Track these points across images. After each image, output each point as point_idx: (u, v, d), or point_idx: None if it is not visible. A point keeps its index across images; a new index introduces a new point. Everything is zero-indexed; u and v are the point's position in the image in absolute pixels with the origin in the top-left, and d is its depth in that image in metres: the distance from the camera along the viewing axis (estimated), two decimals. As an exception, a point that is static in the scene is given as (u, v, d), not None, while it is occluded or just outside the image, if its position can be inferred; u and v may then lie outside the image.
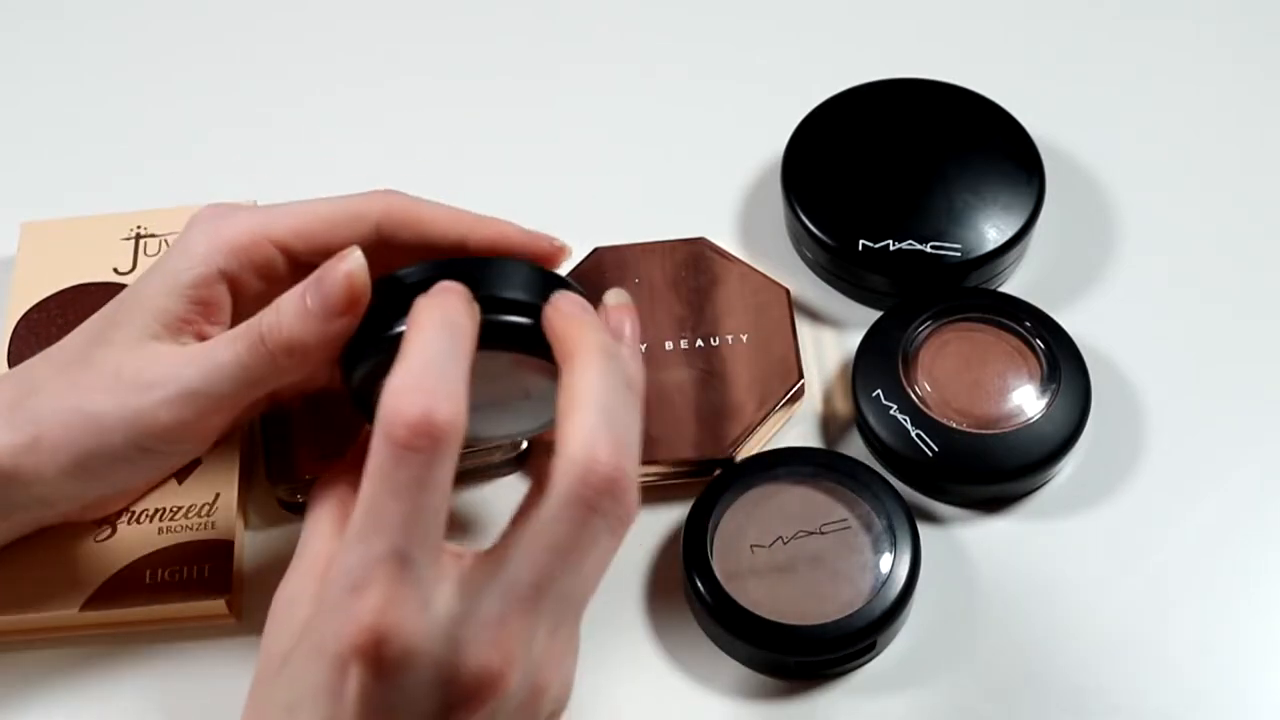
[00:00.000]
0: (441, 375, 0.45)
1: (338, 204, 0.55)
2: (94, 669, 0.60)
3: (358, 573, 0.44)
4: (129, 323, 0.54)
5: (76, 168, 0.75)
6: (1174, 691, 0.59)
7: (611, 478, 0.45)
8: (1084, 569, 0.62)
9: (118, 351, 0.54)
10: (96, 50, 0.80)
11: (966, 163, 0.69)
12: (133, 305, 0.55)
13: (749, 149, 0.74)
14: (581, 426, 0.45)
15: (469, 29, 0.81)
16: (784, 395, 0.63)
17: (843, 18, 0.80)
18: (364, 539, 0.44)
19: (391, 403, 0.44)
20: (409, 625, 0.44)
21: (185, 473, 0.62)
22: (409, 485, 0.44)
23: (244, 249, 0.54)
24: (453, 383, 0.45)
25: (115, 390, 0.53)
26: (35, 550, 0.60)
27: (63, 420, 0.53)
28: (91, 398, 0.53)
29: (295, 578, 0.49)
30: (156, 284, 0.55)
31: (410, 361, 0.45)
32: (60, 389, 0.54)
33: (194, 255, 0.54)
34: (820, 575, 0.59)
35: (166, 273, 0.55)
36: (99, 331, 0.55)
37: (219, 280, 0.54)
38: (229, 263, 0.54)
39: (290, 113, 0.77)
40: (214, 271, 0.54)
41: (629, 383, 0.48)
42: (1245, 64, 0.77)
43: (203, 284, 0.54)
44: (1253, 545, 0.62)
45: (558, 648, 0.47)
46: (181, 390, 0.53)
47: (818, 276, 0.70)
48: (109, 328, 0.55)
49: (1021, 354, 0.64)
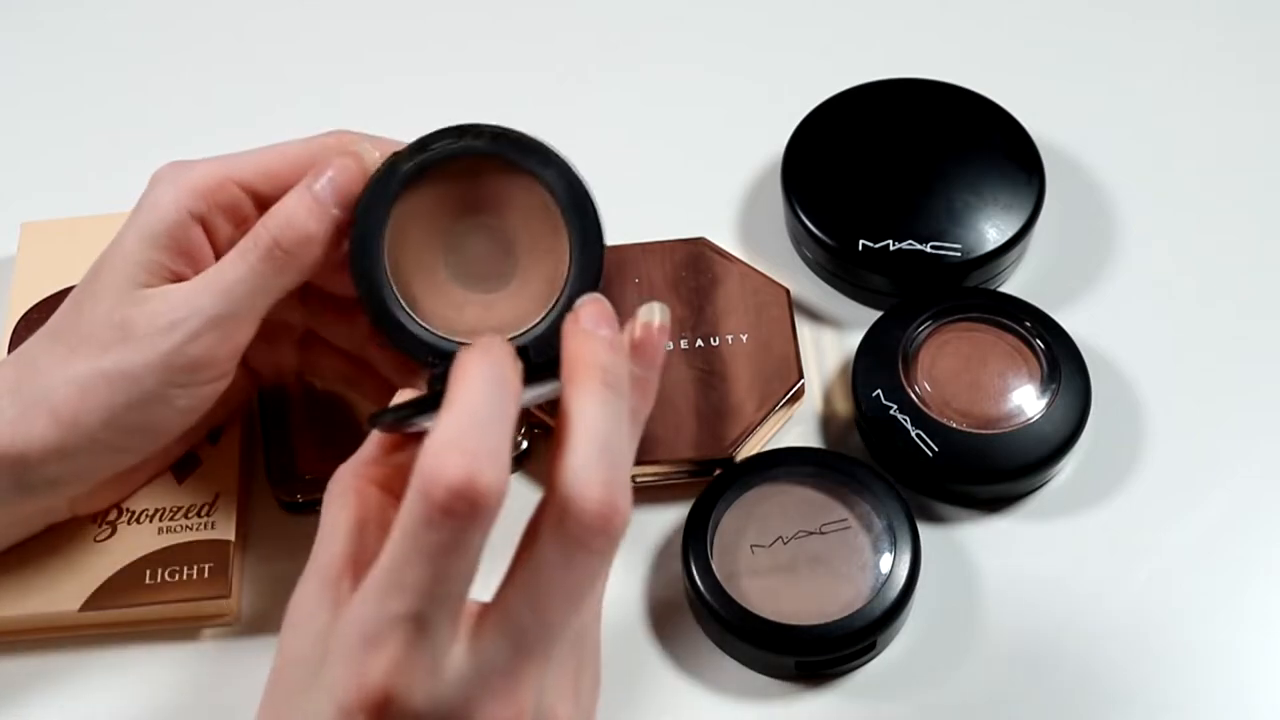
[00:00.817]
0: (486, 435, 0.42)
1: (295, 144, 0.57)
2: (94, 669, 0.60)
3: (372, 627, 0.42)
4: (114, 276, 0.55)
5: (76, 168, 0.75)
6: (1174, 691, 0.59)
7: (603, 515, 0.42)
8: (1084, 569, 0.62)
9: (111, 304, 0.54)
10: (96, 50, 0.80)
11: (966, 163, 0.69)
12: (115, 260, 0.55)
13: (749, 149, 0.74)
14: (573, 464, 0.43)
15: (469, 28, 0.81)
16: (784, 395, 0.63)
17: (843, 18, 0.80)
18: (384, 596, 0.42)
19: (433, 461, 0.41)
20: (418, 689, 0.42)
21: (185, 473, 0.62)
22: (439, 550, 0.41)
23: (210, 191, 0.55)
24: (498, 445, 0.42)
25: (133, 340, 0.53)
26: (35, 550, 0.60)
27: (79, 387, 0.54)
28: (110, 355, 0.53)
29: (313, 583, 0.47)
30: (131, 238, 0.55)
31: (457, 416, 0.42)
32: (65, 360, 0.54)
33: (162, 204, 0.55)
34: (820, 575, 0.59)
35: (139, 226, 0.55)
36: (83, 294, 0.55)
37: (192, 223, 0.55)
38: (197, 205, 0.55)
39: (291, 112, 0.77)
40: (185, 215, 0.55)
41: (632, 413, 0.46)
42: (1246, 64, 0.77)
43: (177, 229, 0.55)
44: (1252, 545, 0.62)
45: (567, 683, 0.46)
46: (204, 320, 0.53)
47: (818, 276, 0.70)
48: (94, 286, 0.55)
49: (1021, 354, 0.64)
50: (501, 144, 0.55)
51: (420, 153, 0.55)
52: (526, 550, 0.44)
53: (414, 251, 0.56)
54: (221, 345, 0.54)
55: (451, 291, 0.57)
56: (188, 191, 0.55)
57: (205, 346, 0.54)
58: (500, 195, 0.56)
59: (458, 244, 0.57)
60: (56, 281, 0.66)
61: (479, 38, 0.80)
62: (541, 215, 0.56)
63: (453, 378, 0.43)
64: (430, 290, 0.56)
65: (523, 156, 0.55)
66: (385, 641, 0.42)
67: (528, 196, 0.56)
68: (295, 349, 0.61)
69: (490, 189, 0.56)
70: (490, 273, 0.57)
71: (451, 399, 0.42)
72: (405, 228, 0.56)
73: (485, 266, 0.57)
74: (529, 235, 0.56)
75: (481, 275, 0.57)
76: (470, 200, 0.56)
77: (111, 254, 0.55)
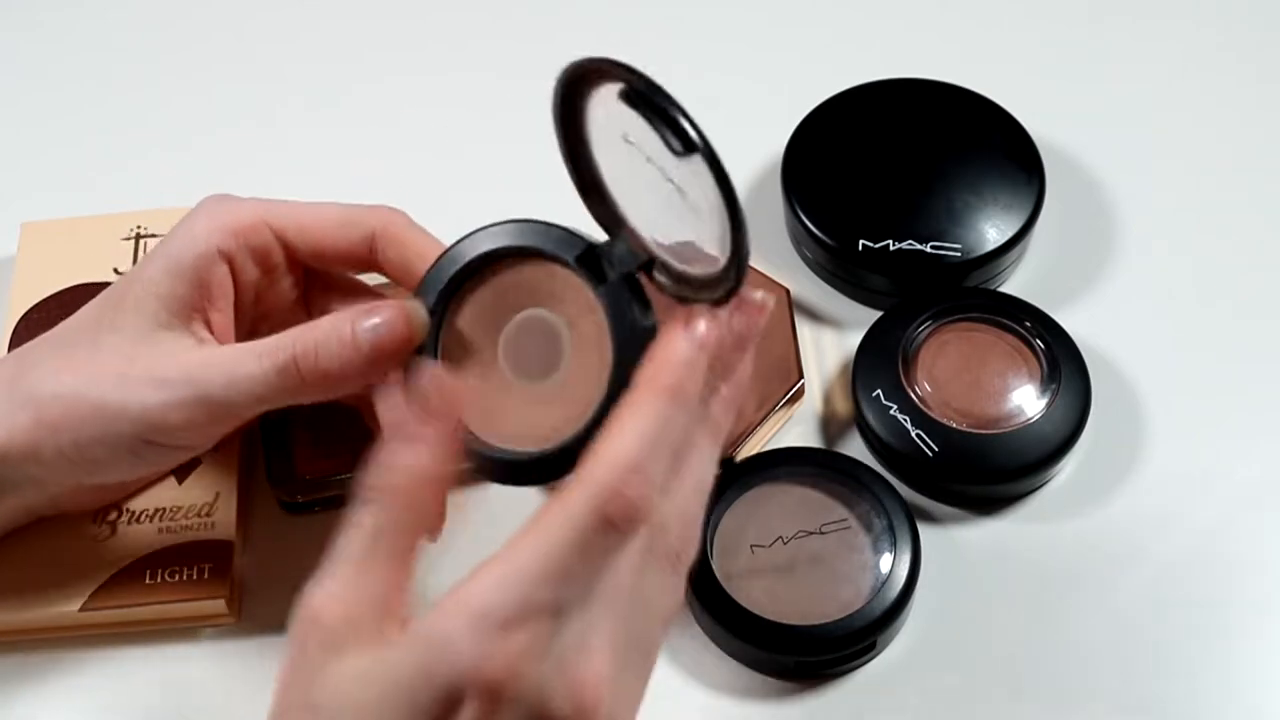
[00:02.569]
0: (660, 464, 0.45)
1: (339, 207, 0.56)
2: (94, 669, 0.60)
3: (512, 611, 0.43)
4: (136, 309, 0.54)
5: (76, 168, 0.75)
6: (1173, 691, 0.59)
7: (633, 504, 0.44)
8: (1084, 569, 0.62)
9: (127, 340, 0.54)
10: (96, 50, 0.80)
11: (966, 163, 0.69)
12: (138, 289, 0.55)
13: (749, 149, 0.73)
14: (608, 452, 0.44)
15: (468, 27, 0.81)
16: (784, 395, 0.63)
17: (843, 18, 0.80)
18: (534, 581, 0.43)
19: (615, 475, 0.44)
20: (533, 675, 0.43)
21: (185, 473, 0.62)
22: (600, 553, 0.44)
23: (244, 231, 0.55)
24: (663, 479, 0.45)
25: (126, 382, 0.53)
26: (35, 550, 0.60)
27: (66, 403, 0.53)
28: (100, 386, 0.53)
29: (341, 582, 0.45)
30: (159, 265, 0.55)
31: (643, 434, 0.44)
32: (62, 372, 0.54)
33: (195, 235, 0.55)
34: (820, 575, 0.59)
35: (169, 254, 0.55)
36: (105, 316, 0.55)
37: (219, 261, 0.55)
38: (227, 243, 0.55)
39: (291, 112, 0.77)
40: (214, 251, 0.54)
41: (713, 433, 0.47)
42: (1246, 64, 0.77)
43: (204, 264, 0.54)
44: (1252, 544, 0.62)
45: (597, 641, 0.45)
46: (199, 394, 0.52)
47: (818, 276, 0.70)
48: (115, 313, 0.55)
49: (1021, 354, 0.64)
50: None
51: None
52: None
53: (466, 336, 0.53)
54: (203, 425, 0.53)
55: (495, 381, 0.53)
56: (220, 229, 0.55)
57: (187, 417, 0.53)
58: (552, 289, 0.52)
59: (513, 332, 0.53)
60: (56, 281, 0.66)
61: (479, 38, 0.80)
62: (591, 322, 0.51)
63: (640, 387, 0.45)
64: (473, 378, 0.53)
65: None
66: (523, 627, 0.43)
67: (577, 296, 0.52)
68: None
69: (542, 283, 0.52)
70: (537, 367, 0.52)
71: (638, 411, 0.45)
72: (462, 310, 0.53)
73: (534, 360, 0.52)
74: (579, 344, 0.52)
75: (528, 367, 0.52)
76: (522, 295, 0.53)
77: (137, 279, 0.55)
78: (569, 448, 0.49)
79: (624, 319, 0.50)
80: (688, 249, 0.50)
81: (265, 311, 0.58)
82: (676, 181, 0.48)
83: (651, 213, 0.51)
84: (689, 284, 0.49)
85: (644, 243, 0.51)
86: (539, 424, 0.51)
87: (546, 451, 0.50)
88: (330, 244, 0.56)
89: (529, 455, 0.51)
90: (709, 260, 0.49)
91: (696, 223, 0.49)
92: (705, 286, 0.49)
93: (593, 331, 0.51)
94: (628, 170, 0.50)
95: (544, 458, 0.50)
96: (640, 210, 0.51)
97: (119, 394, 0.53)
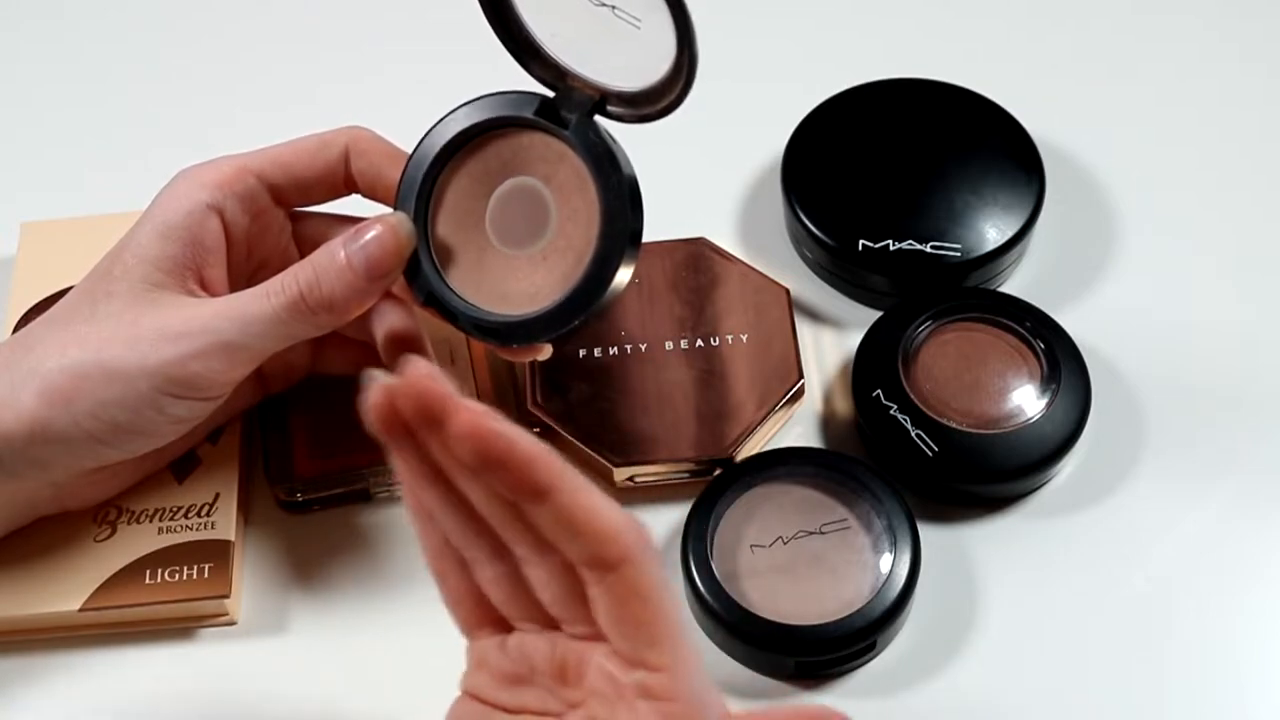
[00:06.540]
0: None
1: (310, 137, 0.59)
2: (94, 669, 0.60)
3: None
4: (127, 275, 0.55)
5: (76, 168, 0.75)
6: (1173, 691, 0.59)
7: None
8: (1084, 569, 0.62)
9: (126, 306, 0.54)
10: (96, 50, 0.80)
11: (966, 163, 0.69)
12: (126, 256, 0.55)
13: (749, 149, 0.74)
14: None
15: (467, 26, 0.81)
16: (784, 395, 0.63)
17: (843, 17, 0.80)
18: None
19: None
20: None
21: (185, 472, 0.62)
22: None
23: (226, 183, 0.56)
24: None
25: (139, 343, 0.53)
26: (35, 550, 0.60)
27: (76, 375, 0.53)
28: (110, 350, 0.53)
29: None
30: (147, 230, 0.56)
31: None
32: (67, 345, 0.54)
33: (178, 196, 0.56)
34: (820, 575, 0.59)
35: (155, 219, 0.56)
36: (97, 288, 0.55)
37: (210, 214, 0.56)
38: (215, 196, 0.56)
39: (291, 112, 0.77)
40: (203, 206, 0.56)
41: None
42: (1246, 64, 0.77)
43: (193, 221, 0.55)
44: (1252, 544, 0.62)
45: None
46: (215, 342, 0.53)
47: (818, 276, 0.70)
48: (106, 282, 0.55)
49: (1021, 354, 0.64)
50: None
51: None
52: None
53: (454, 224, 0.57)
54: (224, 371, 0.54)
55: (492, 258, 0.57)
56: (204, 184, 0.56)
57: (208, 367, 0.54)
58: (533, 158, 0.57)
59: (497, 208, 0.57)
60: (56, 281, 0.66)
61: (478, 37, 0.80)
62: (574, 178, 0.56)
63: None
64: (471, 261, 0.57)
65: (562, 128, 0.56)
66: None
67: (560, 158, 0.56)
68: (309, 346, 0.61)
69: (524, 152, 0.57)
70: (528, 232, 0.57)
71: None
72: (444, 200, 0.57)
73: (523, 226, 0.57)
74: (561, 195, 0.57)
75: (520, 235, 0.57)
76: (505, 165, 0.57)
77: (125, 248, 0.56)
78: (588, 281, 0.54)
79: (595, 149, 0.54)
80: (632, 67, 0.54)
81: (263, 259, 0.59)
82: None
83: (589, 52, 0.55)
84: (645, 100, 0.54)
85: (591, 82, 0.55)
86: (548, 280, 0.56)
87: (571, 290, 0.55)
88: (310, 172, 0.58)
89: (555, 304, 0.55)
90: (656, 66, 0.53)
91: (636, 34, 0.53)
92: (662, 91, 0.54)
93: (571, 177, 0.56)
94: (557, 16, 0.55)
95: (570, 297, 0.55)
96: (579, 54, 0.56)
97: (134, 354, 0.53)
